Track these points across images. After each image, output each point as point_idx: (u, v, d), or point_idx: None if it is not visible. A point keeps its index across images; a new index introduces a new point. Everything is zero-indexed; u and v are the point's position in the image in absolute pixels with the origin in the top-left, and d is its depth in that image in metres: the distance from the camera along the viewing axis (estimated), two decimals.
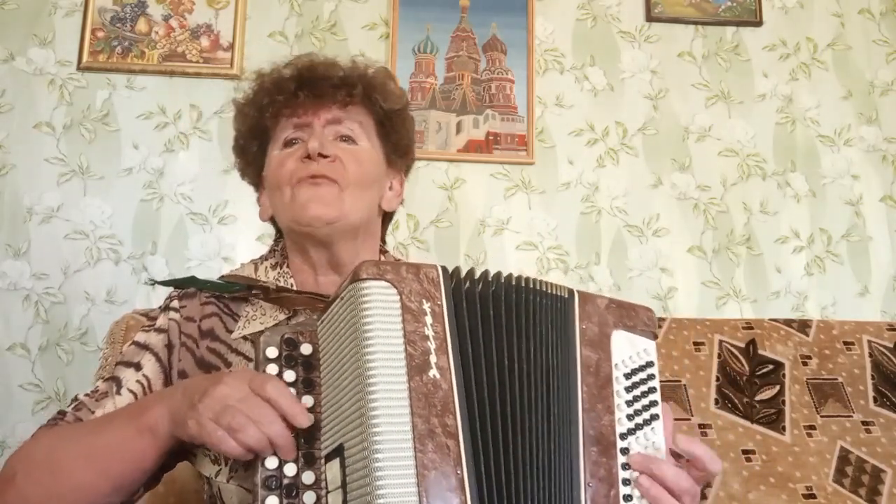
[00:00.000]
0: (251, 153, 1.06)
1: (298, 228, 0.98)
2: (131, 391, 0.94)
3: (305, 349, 0.75)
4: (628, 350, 0.81)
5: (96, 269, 1.97)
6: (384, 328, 0.68)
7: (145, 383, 0.95)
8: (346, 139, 1.01)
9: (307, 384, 0.73)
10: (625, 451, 0.77)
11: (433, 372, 0.67)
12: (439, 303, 0.71)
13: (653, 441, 0.78)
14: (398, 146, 1.08)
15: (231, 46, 2.09)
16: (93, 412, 0.91)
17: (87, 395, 0.95)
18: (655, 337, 0.84)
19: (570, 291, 0.82)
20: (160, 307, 1.04)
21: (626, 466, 0.76)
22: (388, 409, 0.64)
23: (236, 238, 2.03)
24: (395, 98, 1.06)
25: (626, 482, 0.75)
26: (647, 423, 0.79)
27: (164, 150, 2.05)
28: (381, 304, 0.68)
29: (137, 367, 0.96)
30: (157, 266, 1.99)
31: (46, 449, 0.84)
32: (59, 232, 1.98)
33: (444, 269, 0.73)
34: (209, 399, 0.73)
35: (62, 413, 0.93)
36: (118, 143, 2.04)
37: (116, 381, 0.95)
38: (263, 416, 0.70)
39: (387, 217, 1.11)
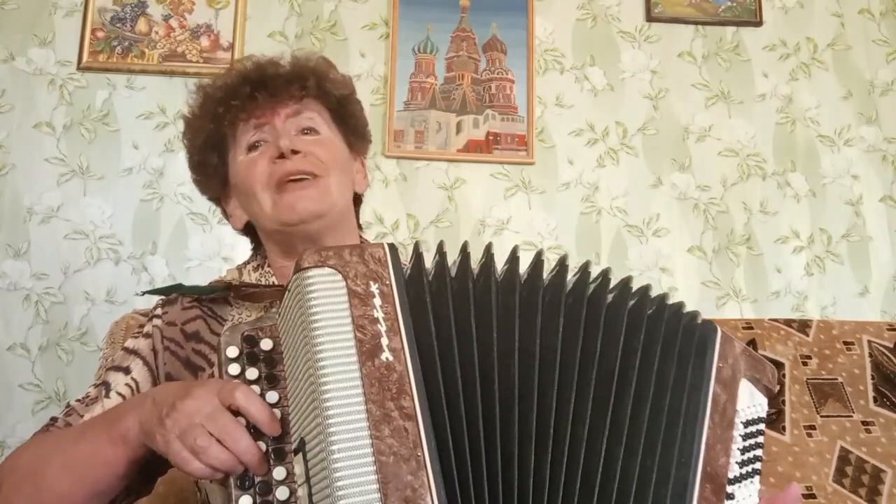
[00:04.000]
0: (211, 166, 1.05)
1: (287, 229, 0.99)
2: (120, 394, 0.95)
3: (266, 344, 0.73)
4: (748, 401, 0.81)
5: (96, 269, 1.97)
6: (330, 317, 0.66)
7: (134, 386, 0.96)
8: (309, 131, 1.02)
9: (270, 379, 0.72)
10: (730, 496, 0.75)
11: (385, 355, 0.66)
12: (388, 282, 0.69)
13: (751, 493, 0.78)
14: (356, 130, 1.10)
15: (231, 46, 2.09)
16: (81, 416, 0.93)
17: (77, 400, 0.96)
18: (771, 395, 0.84)
19: (713, 325, 0.81)
20: (149, 315, 1.05)
21: None
22: (340, 400, 0.63)
23: (236, 238, 2.01)
24: (343, 84, 1.07)
25: None
26: (750, 475, 0.78)
27: (164, 150, 2.05)
28: (325, 292, 0.67)
29: (126, 370, 0.97)
30: (157, 266, 1.99)
31: (29, 459, 0.86)
32: (59, 232, 1.98)
33: (392, 246, 0.72)
34: (176, 414, 0.71)
35: (54, 419, 0.94)
36: (118, 143, 2.04)
37: (106, 386, 0.96)
38: (230, 431, 0.68)
39: (358, 201, 1.13)
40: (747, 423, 0.79)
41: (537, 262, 0.77)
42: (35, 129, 2.02)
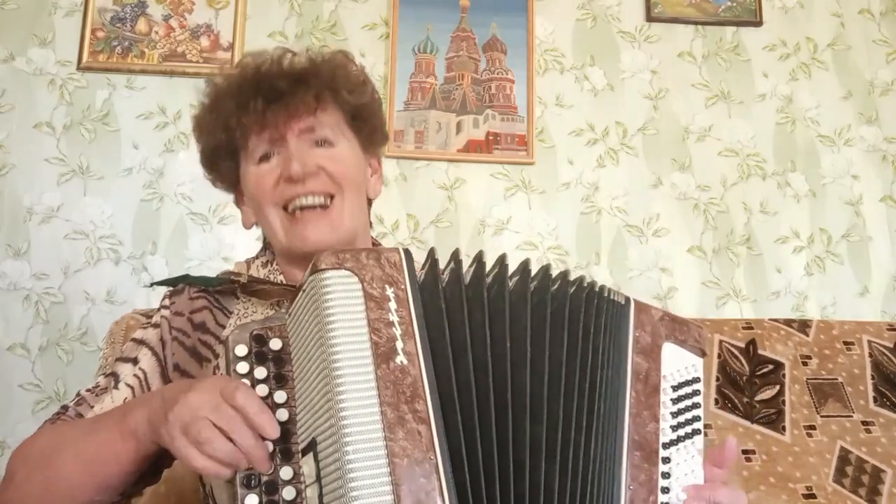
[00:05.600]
0: (223, 167, 1.05)
1: (299, 252, 0.98)
2: (129, 385, 0.95)
3: (275, 344, 0.74)
4: (677, 364, 0.82)
5: (96, 269, 1.97)
6: (346, 318, 0.67)
7: (142, 377, 0.96)
8: (323, 143, 1.00)
9: (279, 379, 0.72)
10: (666, 460, 0.77)
11: (400, 358, 0.66)
12: (403, 287, 0.70)
13: (692, 454, 0.79)
14: (373, 134, 1.08)
15: (231, 46, 2.09)
16: (92, 407, 0.93)
17: (88, 390, 0.96)
18: (704, 354, 0.85)
19: (627, 298, 0.83)
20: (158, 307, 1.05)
21: (666, 475, 0.76)
22: (355, 401, 0.64)
23: (236, 238, 2.03)
24: (361, 87, 1.04)
25: (665, 490, 0.76)
26: (688, 436, 0.80)
27: (164, 150, 2.05)
28: (341, 293, 0.67)
29: (134, 361, 0.98)
30: (157, 266, 1.99)
31: (42, 449, 0.86)
32: (59, 232, 1.98)
33: (407, 251, 0.72)
34: (179, 408, 0.71)
35: (65, 407, 0.95)
36: (118, 143, 2.04)
37: (115, 377, 0.97)
38: (233, 427, 0.68)
39: (369, 202, 1.11)
40: (678, 386, 0.81)
41: (545, 274, 0.78)
42: (35, 129, 2.02)
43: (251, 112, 0.97)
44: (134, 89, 2.07)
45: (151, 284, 1.09)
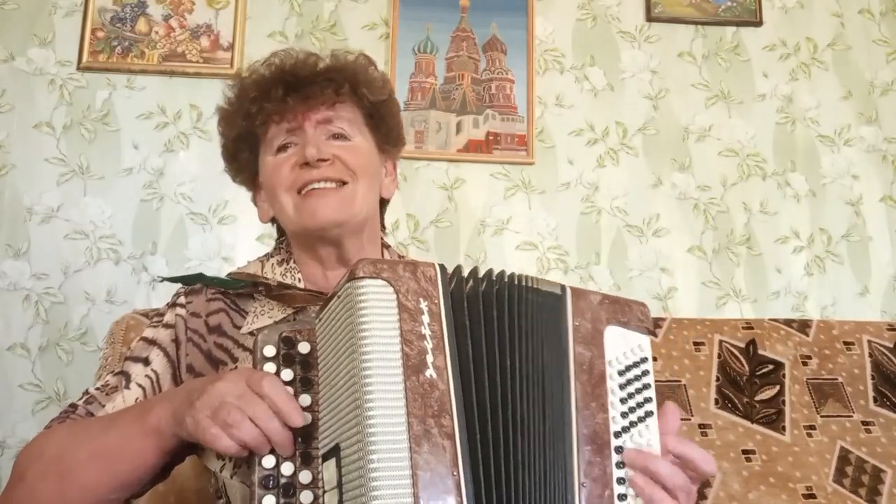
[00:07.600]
0: (243, 159, 1.07)
1: (308, 234, 1.00)
2: (140, 385, 0.95)
3: (303, 347, 0.75)
4: (622, 346, 0.80)
5: (96, 269, 1.97)
6: (380, 328, 0.67)
7: (154, 377, 0.96)
8: (339, 136, 1.02)
9: (305, 383, 0.73)
10: (619, 449, 0.76)
11: (430, 372, 0.67)
12: (436, 302, 0.70)
13: (647, 438, 0.77)
14: (389, 135, 1.10)
15: (231, 46, 2.09)
16: (103, 406, 0.93)
17: (97, 388, 0.96)
18: (650, 332, 0.83)
19: (563, 288, 0.81)
20: (168, 303, 1.04)
21: (620, 465, 0.75)
22: (383, 410, 0.64)
23: (236, 238, 2.03)
24: (380, 88, 1.07)
25: (621, 481, 0.75)
26: (641, 420, 0.78)
27: (164, 150, 2.05)
28: (377, 303, 0.68)
29: (146, 361, 0.97)
30: (157, 266, 1.99)
31: (56, 447, 0.85)
32: (59, 232, 1.98)
33: (443, 267, 0.73)
34: (206, 396, 0.73)
35: (73, 406, 0.94)
36: (118, 143, 2.04)
37: (126, 376, 0.96)
38: (259, 412, 0.70)
39: (383, 203, 1.13)
40: (625, 370, 0.79)
41: (534, 294, 0.79)
42: (35, 129, 2.02)
43: (271, 99, 0.99)
44: (134, 89, 2.07)
45: (163, 280, 1.08)
